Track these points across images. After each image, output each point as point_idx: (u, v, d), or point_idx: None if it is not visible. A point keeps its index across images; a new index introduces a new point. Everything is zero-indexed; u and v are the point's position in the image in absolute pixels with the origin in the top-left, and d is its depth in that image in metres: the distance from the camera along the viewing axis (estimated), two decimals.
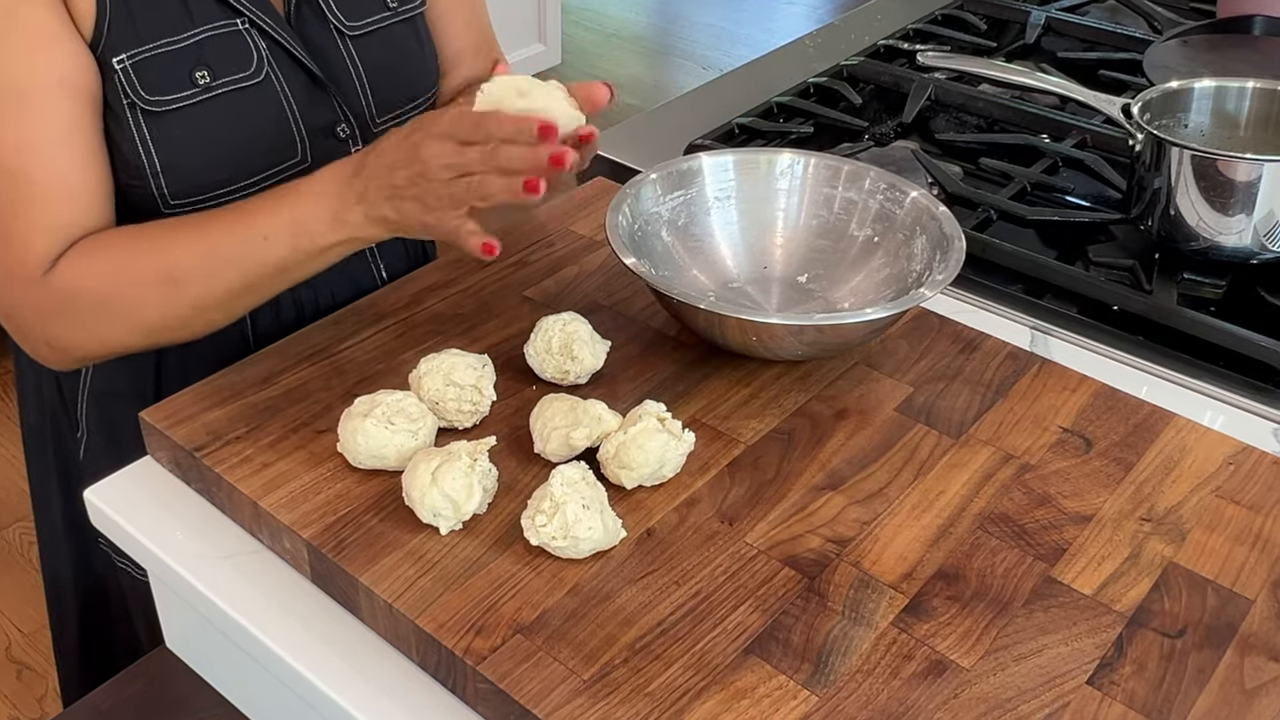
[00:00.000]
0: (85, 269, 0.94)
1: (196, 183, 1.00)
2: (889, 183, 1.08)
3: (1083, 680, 0.77)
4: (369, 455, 0.89)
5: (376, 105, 1.09)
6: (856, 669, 0.77)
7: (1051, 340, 1.11)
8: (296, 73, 1.03)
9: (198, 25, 0.98)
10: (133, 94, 0.96)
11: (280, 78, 1.02)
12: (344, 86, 1.07)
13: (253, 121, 1.01)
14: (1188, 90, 1.26)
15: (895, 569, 0.84)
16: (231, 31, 1.00)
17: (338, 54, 1.06)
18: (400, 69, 1.11)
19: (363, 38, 1.08)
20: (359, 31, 1.07)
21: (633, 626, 0.79)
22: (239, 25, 1.00)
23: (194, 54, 0.98)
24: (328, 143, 1.06)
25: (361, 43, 1.08)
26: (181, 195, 1.00)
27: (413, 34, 1.12)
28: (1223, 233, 1.14)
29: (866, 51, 1.60)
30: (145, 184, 0.98)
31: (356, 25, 1.07)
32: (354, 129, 1.07)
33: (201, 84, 0.98)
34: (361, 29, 1.07)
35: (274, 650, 0.83)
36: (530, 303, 1.09)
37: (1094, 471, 0.93)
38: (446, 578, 0.82)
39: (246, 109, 1.01)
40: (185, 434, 0.94)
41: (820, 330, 0.97)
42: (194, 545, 0.90)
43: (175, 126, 0.98)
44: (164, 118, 0.97)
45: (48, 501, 1.21)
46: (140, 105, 0.96)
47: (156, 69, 0.97)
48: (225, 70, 0.99)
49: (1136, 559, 0.86)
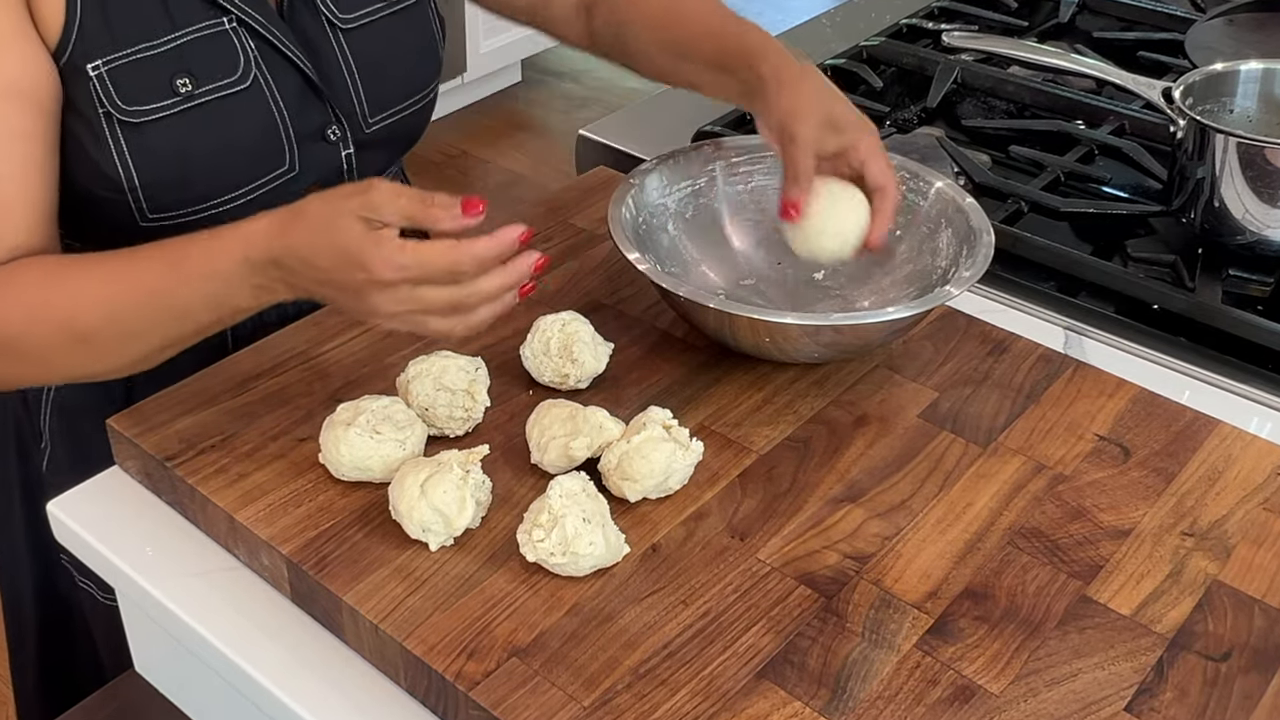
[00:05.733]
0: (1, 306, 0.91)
1: (177, 197, 0.99)
2: (912, 172, 1.08)
3: (1120, 707, 0.77)
4: (353, 466, 0.89)
5: (369, 104, 1.08)
6: (877, 695, 0.77)
7: (1087, 341, 1.11)
8: (287, 73, 1.03)
9: (179, 27, 0.97)
10: (108, 103, 0.95)
11: (269, 81, 1.01)
12: (335, 86, 1.06)
13: (239, 131, 1.01)
14: (1233, 73, 1.26)
15: (919, 587, 0.84)
16: (217, 32, 0.99)
17: (329, 49, 1.06)
18: (395, 65, 1.11)
19: (356, 30, 1.07)
20: (352, 24, 1.07)
21: (636, 649, 0.79)
22: (225, 24, 0.99)
23: (175, 59, 0.97)
24: (317, 146, 1.06)
25: (354, 36, 1.07)
26: (161, 210, 0.99)
27: (409, 26, 1.12)
28: (1271, 226, 1.15)
29: (888, 31, 1.60)
30: (122, 197, 0.98)
31: (350, 18, 1.07)
32: (345, 131, 1.07)
33: (183, 92, 0.97)
34: (355, 21, 1.07)
35: (251, 675, 0.83)
36: (527, 301, 1.09)
37: (1132, 483, 0.93)
38: (436, 597, 0.82)
39: (232, 118, 1.00)
40: (156, 442, 0.94)
41: (838, 331, 0.97)
42: (165, 562, 0.90)
43: (155, 138, 0.97)
44: (143, 129, 0.96)
45: (8, 516, 1.21)
46: (117, 115, 0.96)
47: (134, 76, 0.96)
48: (209, 76, 0.98)
49: (1178, 577, 0.86)
